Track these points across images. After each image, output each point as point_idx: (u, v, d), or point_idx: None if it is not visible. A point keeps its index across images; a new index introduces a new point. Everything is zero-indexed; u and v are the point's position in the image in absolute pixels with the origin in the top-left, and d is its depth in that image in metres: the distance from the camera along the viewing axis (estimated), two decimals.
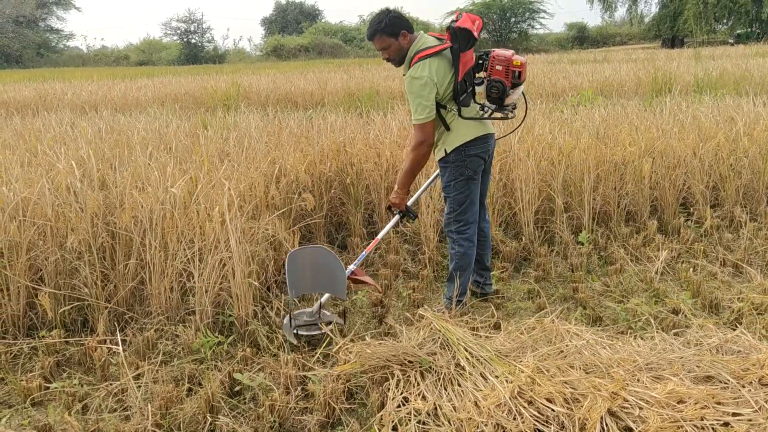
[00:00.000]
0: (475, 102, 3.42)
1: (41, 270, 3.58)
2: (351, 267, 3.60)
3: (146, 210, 3.60)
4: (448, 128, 3.45)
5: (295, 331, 3.37)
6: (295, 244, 4.08)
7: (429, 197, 4.63)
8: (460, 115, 3.40)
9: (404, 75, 3.47)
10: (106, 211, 3.80)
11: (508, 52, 3.27)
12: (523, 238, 4.71)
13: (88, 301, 3.52)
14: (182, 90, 14.83)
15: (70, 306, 3.51)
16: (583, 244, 4.63)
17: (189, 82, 17.40)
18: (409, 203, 3.73)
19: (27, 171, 4.14)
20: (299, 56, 51.10)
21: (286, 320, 3.43)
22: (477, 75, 3.44)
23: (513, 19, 52.48)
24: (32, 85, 17.25)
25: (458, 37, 3.28)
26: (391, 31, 3.41)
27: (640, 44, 49.74)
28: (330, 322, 3.47)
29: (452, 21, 3.36)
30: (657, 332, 3.23)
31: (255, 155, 4.94)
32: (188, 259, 3.51)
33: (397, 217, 3.73)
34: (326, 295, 3.56)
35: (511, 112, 3.41)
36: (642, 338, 3.17)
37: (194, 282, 3.43)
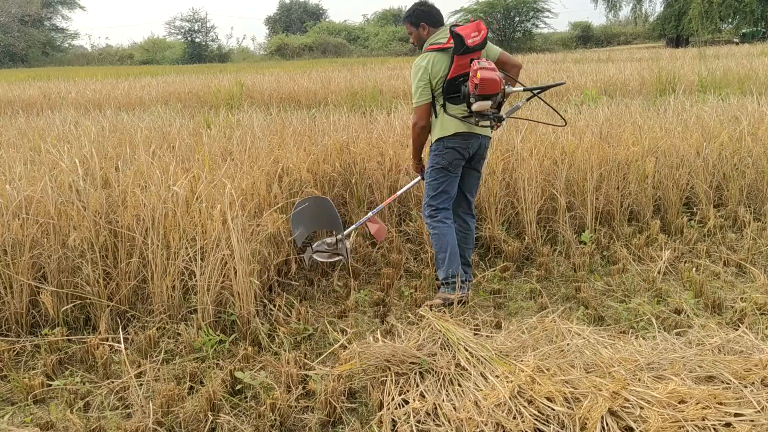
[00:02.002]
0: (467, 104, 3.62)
1: (44, 268, 3.59)
2: (369, 214, 4.41)
3: (148, 208, 3.61)
4: (436, 119, 3.79)
5: (313, 254, 4.18)
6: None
7: None
8: (445, 110, 3.70)
9: None
10: (109, 209, 3.81)
11: (481, 65, 3.40)
12: (526, 238, 4.71)
13: (90, 299, 3.53)
14: (186, 89, 14.86)
15: (73, 304, 3.52)
16: (585, 243, 4.62)
17: (193, 81, 17.44)
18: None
19: (30, 169, 4.16)
20: (303, 55, 51.16)
21: (308, 249, 4.26)
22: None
23: (517, 19, 52.49)
24: (37, 84, 17.32)
25: (454, 40, 3.56)
26: (412, 21, 3.85)
27: (645, 43, 49.67)
28: (340, 255, 4.24)
29: (456, 24, 3.66)
30: (659, 332, 3.23)
31: (258, 154, 4.94)
32: (190, 257, 3.52)
33: (418, 178, 4.28)
34: (349, 229, 4.37)
35: (493, 121, 3.61)
36: (644, 338, 3.16)
37: (196, 280, 3.44)
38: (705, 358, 2.78)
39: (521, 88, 3.66)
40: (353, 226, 4.39)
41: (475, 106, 3.45)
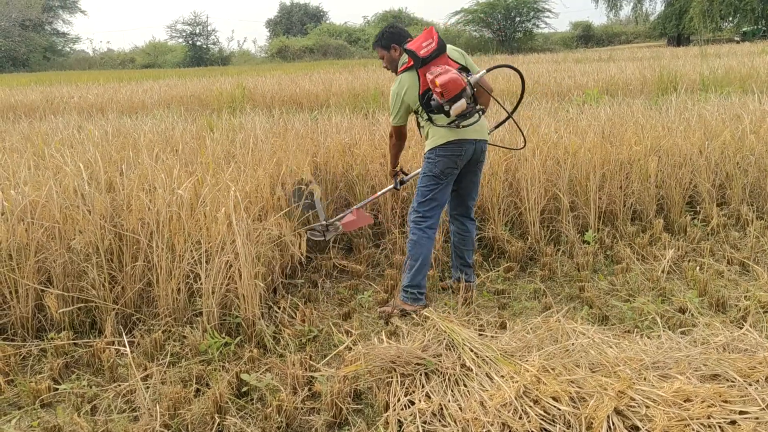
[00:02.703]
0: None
1: (49, 272, 3.61)
2: (353, 207, 4.57)
3: (153, 212, 3.63)
4: (427, 133, 3.79)
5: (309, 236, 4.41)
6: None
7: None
8: (433, 123, 3.69)
9: None
10: (114, 213, 3.82)
11: (432, 74, 3.42)
12: (529, 238, 4.71)
13: (95, 302, 3.54)
14: (188, 92, 14.88)
15: (78, 308, 3.53)
16: (589, 243, 4.62)
17: (194, 84, 17.47)
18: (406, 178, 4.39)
19: (35, 174, 4.17)
20: (304, 57, 51.17)
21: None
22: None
23: (518, 19, 52.43)
24: (39, 89, 17.35)
25: (411, 57, 3.61)
26: (383, 44, 3.87)
27: (646, 43, 49.62)
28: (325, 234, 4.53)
29: (408, 40, 3.77)
30: (663, 331, 3.23)
31: (261, 156, 4.95)
32: (195, 260, 3.53)
33: (391, 186, 4.43)
34: (345, 213, 4.58)
35: (478, 115, 3.64)
36: (648, 337, 3.17)
37: (201, 283, 3.45)
38: (710, 357, 2.79)
39: (484, 71, 3.61)
40: (337, 217, 4.62)
41: (452, 111, 3.43)
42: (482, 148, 3.82)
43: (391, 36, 3.84)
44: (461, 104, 3.40)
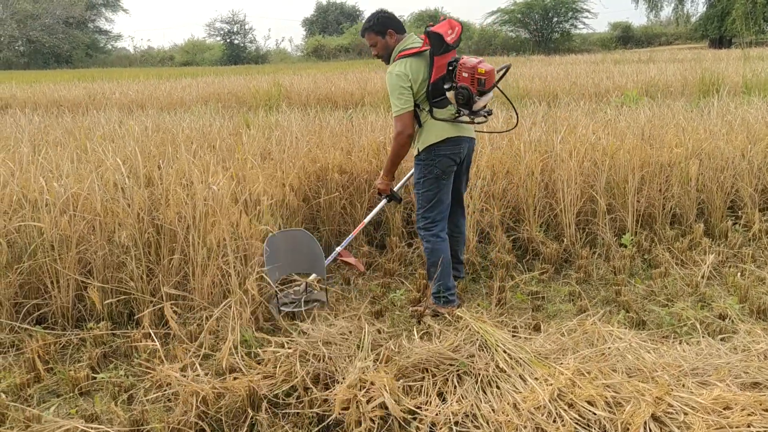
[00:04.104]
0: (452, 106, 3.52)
1: (90, 264, 3.69)
2: (338, 249, 3.99)
3: (190, 206, 3.68)
4: (421, 127, 3.62)
5: (280, 308, 3.64)
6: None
7: (469, 197, 4.62)
8: (432, 115, 3.54)
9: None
10: (152, 206, 3.89)
11: (475, 60, 3.35)
12: (565, 240, 4.65)
13: (134, 294, 3.61)
14: (225, 90, 15.07)
15: (117, 299, 3.60)
16: (626, 246, 4.55)
17: (232, 82, 17.68)
18: (396, 188, 4.06)
19: (77, 167, 4.26)
20: (339, 56, 51.40)
21: (273, 300, 3.70)
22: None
23: (555, 19, 51.86)
24: (82, 85, 17.76)
25: (432, 41, 3.42)
26: (378, 29, 3.66)
27: (687, 44, 48.62)
28: (315, 300, 3.77)
29: (430, 24, 3.49)
30: (703, 337, 3.16)
31: (296, 154, 4.99)
32: (230, 255, 3.56)
33: (384, 201, 4.06)
34: (312, 276, 3.84)
35: (485, 117, 3.50)
36: (687, 343, 3.10)
37: (240, 279, 3.48)
38: (750, 364, 2.72)
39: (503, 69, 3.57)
40: (326, 261, 3.86)
41: (479, 103, 3.33)
42: (473, 146, 3.83)
43: (387, 21, 3.66)
44: (488, 98, 3.36)
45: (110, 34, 63.14)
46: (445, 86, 3.45)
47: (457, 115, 3.51)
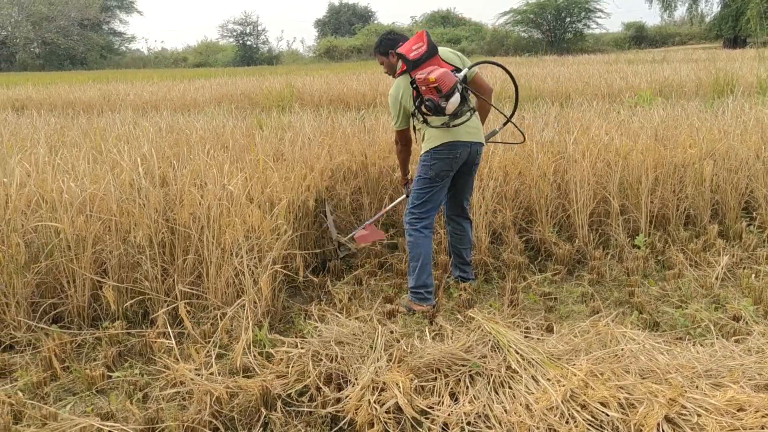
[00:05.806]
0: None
1: (105, 263, 3.72)
2: (358, 229, 4.59)
3: (204, 207, 3.71)
4: (423, 135, 3.87)
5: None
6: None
7: (481, 198, 4.62)
8: (428, 124, 3.72)
9: None
10: (166, 207, 3.92)
11: (426, 72, 3.47)
12: (577, 241, 4.64)
13: (148, 294, 3.64)
14: (238, 91, 15.14)
15: (132, 299, 3.64)
16: (639, 247, 4.53)
17: (244, 83, 17.76)
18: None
19: (93, 168, 4.31)
20: (351, 57, 51.44)
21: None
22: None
23: (568, 19, 51.56)
24: (97, 86, 17.90)
25: (403, 61, 3.73)
26: (381, 51, 3.99)
27: (701, 44, 48.17)
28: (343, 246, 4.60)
29: (399, 43, 3.86)
30: (717, 339, 3.15)
31: (309, 154, 5.02)
32: (244, 255, 3.59)
33: (403, 196, 4.51)
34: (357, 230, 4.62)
35: (470, 113, 3.66)
36: (701, 345, 3.09)
37: (254, 278, 3.50)
38: (764, 366, 2.71)
39: (475, 65, 3.75)
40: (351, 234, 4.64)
41: (448, 108, 3.45)
42: (477, 150, 3.87)
43: (388, 42, 3.94)
44: (455, 100, 3.44)
45: (124, 35, 63.59)
46: (416, 103, 3.62)
47: (447, 121, 3.63)
